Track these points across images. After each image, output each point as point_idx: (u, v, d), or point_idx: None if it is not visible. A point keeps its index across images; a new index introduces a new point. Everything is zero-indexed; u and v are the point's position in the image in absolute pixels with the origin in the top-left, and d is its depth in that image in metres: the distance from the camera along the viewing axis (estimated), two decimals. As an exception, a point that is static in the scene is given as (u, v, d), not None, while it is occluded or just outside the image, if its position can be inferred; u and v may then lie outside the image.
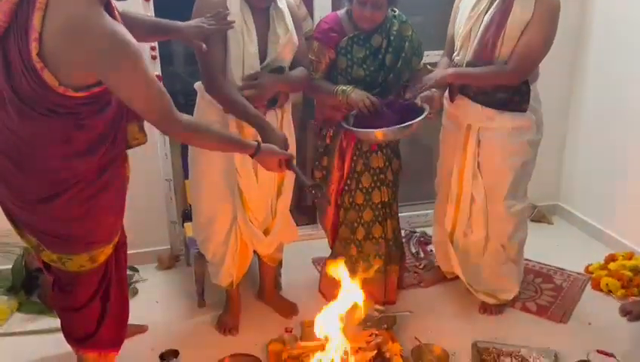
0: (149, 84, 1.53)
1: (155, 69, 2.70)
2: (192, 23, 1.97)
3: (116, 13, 1.60)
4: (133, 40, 1.48)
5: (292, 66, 2.16)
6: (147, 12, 2.63)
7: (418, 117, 2.09)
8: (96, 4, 1.45)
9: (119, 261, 1.90)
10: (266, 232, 2.31)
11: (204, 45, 1.92)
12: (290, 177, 2.30)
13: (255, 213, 2.25)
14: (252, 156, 1.83)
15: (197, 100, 2.18)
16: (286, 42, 2.08)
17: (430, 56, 2.71)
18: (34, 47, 1.43)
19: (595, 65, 3.20)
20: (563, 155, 3.49)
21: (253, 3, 2.02)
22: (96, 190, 1.68)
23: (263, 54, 2.06)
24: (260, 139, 1.96)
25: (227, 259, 2.31)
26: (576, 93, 3.33)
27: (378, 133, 2.10)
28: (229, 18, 1.97)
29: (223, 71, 2.01)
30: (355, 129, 2.13)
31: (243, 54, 2.01)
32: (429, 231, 3.17)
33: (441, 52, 2.49)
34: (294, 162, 1.94)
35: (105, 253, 1.78)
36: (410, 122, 2.07)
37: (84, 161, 1.63)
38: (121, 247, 1.89)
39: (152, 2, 2.63)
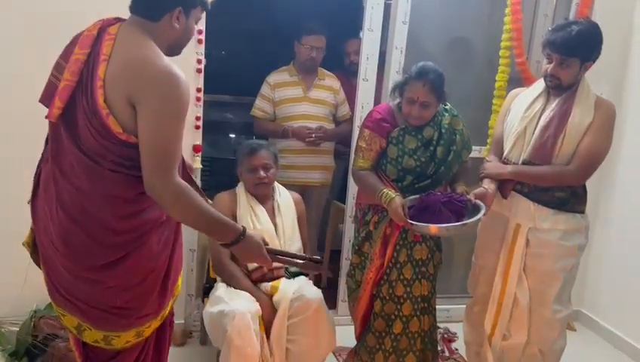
0: (177, 131, 1.47)
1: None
2: None
3: None
4: (185, 79, 1.48)
5: None
6: (197, 84, 2.65)
7: (472, 214, 2.08)
8: (155, 47, 1.49)
9: (163, 336, 1.78)
10: None
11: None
12: None
13: None
14: (234, 243, 1.61)
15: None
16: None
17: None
18: (100, 94, 1.44)
19: (623, 172, 3.24)
20: (587, 260, 3.44)
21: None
22: (157, 253, 1.60)
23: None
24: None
25: None
26: (604, 200, 3.34)
27: (433, 228, 2.07)
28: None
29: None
30: (411, 221, 2.10)
31: None
32: (452, 326, 3.07)
33: (476, 148, 2.52)
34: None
35: (153, 326, 1.68)
36: (467, 221, 2.06)
37: (149, 218, 1.57)
38: (168, 323, 1.78)
39: (202, 74, 2.66)
